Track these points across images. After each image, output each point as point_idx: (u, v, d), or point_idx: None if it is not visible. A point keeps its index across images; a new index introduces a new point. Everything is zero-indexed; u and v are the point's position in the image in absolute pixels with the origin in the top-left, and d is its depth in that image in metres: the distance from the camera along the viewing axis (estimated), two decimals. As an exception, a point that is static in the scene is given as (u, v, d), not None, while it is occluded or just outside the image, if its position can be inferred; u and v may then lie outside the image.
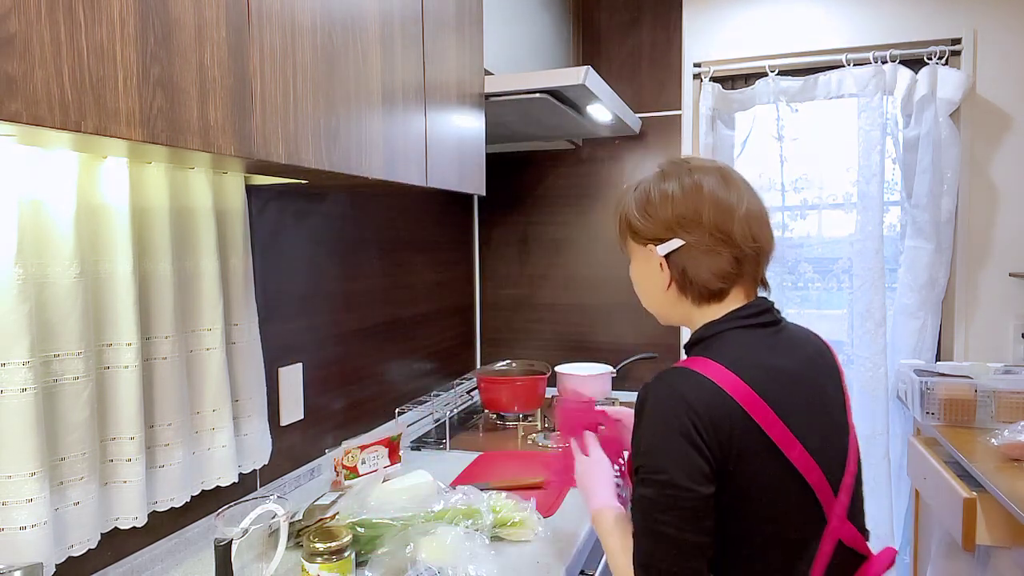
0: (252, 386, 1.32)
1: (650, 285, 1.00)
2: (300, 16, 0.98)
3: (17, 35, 0.60)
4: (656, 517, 0.82)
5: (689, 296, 0.96)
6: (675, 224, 0.93)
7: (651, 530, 0.83)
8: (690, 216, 0.92)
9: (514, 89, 1.63)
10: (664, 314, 1.03)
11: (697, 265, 0.93)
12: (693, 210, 0.92)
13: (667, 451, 0.82)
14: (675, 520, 0.81)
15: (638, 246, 0.99)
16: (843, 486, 0.90)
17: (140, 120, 0.72)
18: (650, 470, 0.83)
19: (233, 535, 0.98)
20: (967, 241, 2.23)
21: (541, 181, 2.58)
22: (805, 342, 0.97)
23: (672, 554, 0.82)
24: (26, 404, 0.89)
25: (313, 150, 1.00)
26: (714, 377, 0.84)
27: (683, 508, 0.81)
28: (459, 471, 1.63)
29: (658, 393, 0.86)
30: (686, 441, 0.81)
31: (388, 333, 1.94)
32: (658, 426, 0.84)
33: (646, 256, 0.98)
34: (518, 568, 1.17)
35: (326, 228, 1.65)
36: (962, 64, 2.18)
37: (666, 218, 0.94)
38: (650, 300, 1.03)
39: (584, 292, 2.55)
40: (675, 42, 2.42)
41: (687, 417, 0.82)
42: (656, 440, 0.84)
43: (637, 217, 0.97)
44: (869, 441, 2.22)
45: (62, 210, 0.94)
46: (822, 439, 0.89)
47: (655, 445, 0.84)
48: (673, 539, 0.81)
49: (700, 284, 0.94)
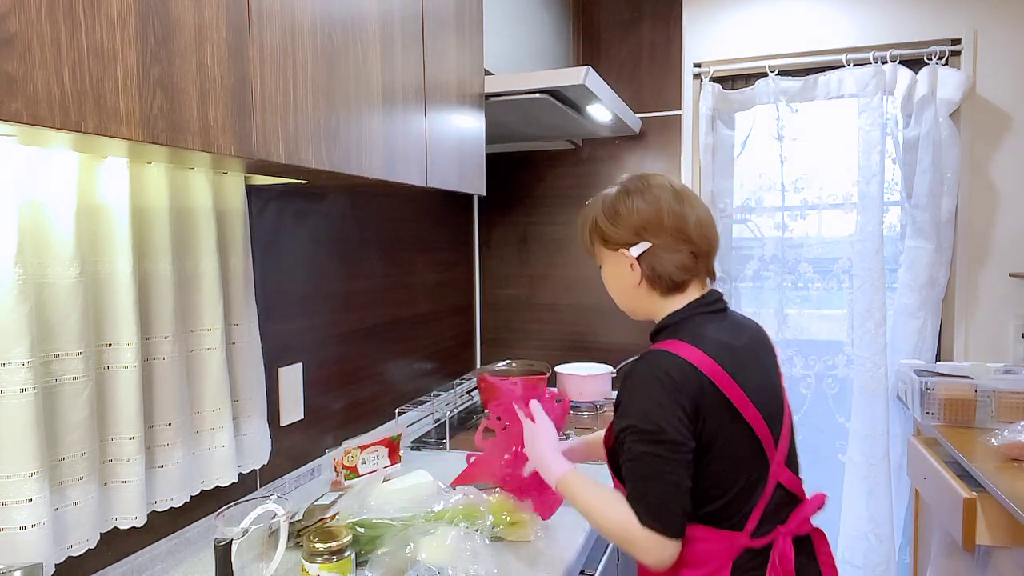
0: (252, 386, 1.32)
1: (622, 284, 1.17)
2: (300, 16, 0.97)
3: (17, 35, 0.60)
4: (661, 468, 0.99)
5: (658, 289, 1.14)
6: (642, 229, 1.12)
7: (659, 479, 0.99)
8: (654, 222, 1.12)
9: (514, 89, 1.63)
10: (634, 308, 1.20)
11: (663, 262, 1.12)
12: (656, 218, 1.12)
13: (662, 415, 1.00)
14: (676, 469, 0.99)
15: (609, 252, 1.17)
16: (781, 437, 1.11)
17: (140, 120, 0.72)
18: (648, 431, 1.00)
19: (233, 535, 0.98)
20: (967, 241, 2.23)
21: (541, 181, 2.57)
22: (747, 325, 1.18)
23: (677, 497, 0.99)
24: (26, 404, 0.89)
25: (313, 150, 1.00)
26: (686, 356, 1.03)
27: (680, 459, 1.00)
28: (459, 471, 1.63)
29: (645, 370, 1.03)
30: (675, 406, 1.00)
31: (388, 333, 1.94)
32: (650, 395, 1.01)
33: (616, 260, 1.16)
34: (518, 568, 1.17)
35: (326, 228, 1.65)
36: (962, 64, 2.18)
37: (634, 225, 1.13)
38: (622, 297, 1.20)
39: (584, 292, 2.55)
40: (675, 42, 2.42)
41: (672, 387, 1.01)
42: (651, 406, 1.01)
43: (609, 226, 1.15)
44: (869, 441, 2.22)
45: (62, 210, 0.94)
46: (766, 400, 1.09)
47: (650, 410, 1.01)
48: (676, 484, 0.99)
49: (667, 277, 1.13)
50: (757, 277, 2.41)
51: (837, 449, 2.37)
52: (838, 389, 2.37)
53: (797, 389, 2.40)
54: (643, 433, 1.00)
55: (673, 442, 0.99)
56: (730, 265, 2.46)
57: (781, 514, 1.08)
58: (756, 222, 2.44)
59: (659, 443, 0.99)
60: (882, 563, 2.23)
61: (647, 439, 1.00)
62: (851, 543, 2.29)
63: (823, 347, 2.39)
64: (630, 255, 1.13)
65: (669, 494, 0.99)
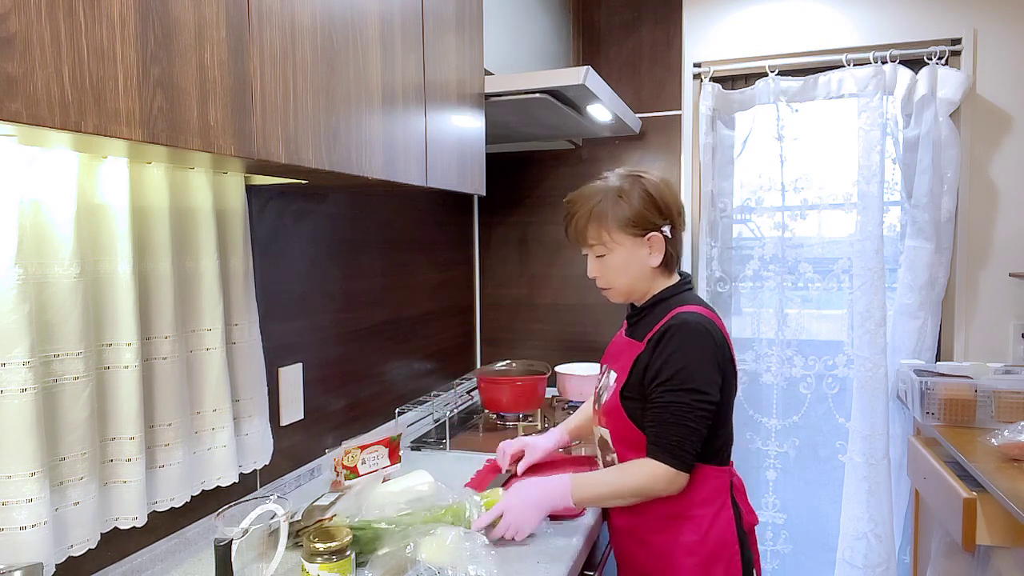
0: (252, 386, 1.32)
1: (639, 267, 1.30)
2: (300, 16, 0.97)
3: (17, 35, 0.60)
4: (687, 415, 1.19)
5: (669, 269, 1.32)
6: (668, 212, 1.29)
7: (683, 425, 1.19)
8: (674, 205, 1.31)
9: (514, 89, 1.63)
10: (635, 290, 1.33)
11: (676, 243, 1.32)
12: (675, 201, 1.32)
13: (701, 370, 1.20)
14: (699, 418, 1.20)
15: (628, 236, 1.29)
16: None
17: (140, 120, 0.72)
18: (684, 383, 1.19)
19: (233, 535, 0.98)
20: (967, 241, 2.23)
21: (541, 181, 2.57)
22: None
23: (693, 440, 1.20)
24: (26, 404, 0.89)
25: (313, 150, 1.00)
26: (712, 318, 1.25)
27: (706, 411, 1.20)
28: (459, 473, 1.63)
29: (690, 328, 1.21)
30: (713, 361, 1.21)
31: (388, 333, 1.94)
32: (694, 351, 1.20)
33: (635, 243, 1.29)
34: (518, 568, 1.17)
35: (326, 228, 1.65)
36: (962, 64, 2.18)
37: (660, 208, 1.29)
38: (631, 280, 1.32)
39: (584, 292, 2.55)
40: (675, 42, 2.42)
41: (714, 345, 1.22)
42: (691, 362, 1.20)
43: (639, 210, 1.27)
44: (869, 441, 2.22)
45: (62, 210, 0.94)
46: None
47: (691, 365, 1.20)
48: (696, 431, 1.20)
49: (676, 256, 1.32)
50: (757, 277, 2.41)
51: (837, 449, 2.37)
52: (838, 389, 2.37)
53: (797, 389, 2.40)
54: (679, 384, 1.19)
55: (700, 392, 1.19)
56: (730, 265, 2.46)
57: None
58: (756, 222, 2.44)
59: (689, 392, 1.18)
60: (882, 563, 2.23)
61: (681, 390, 1.19)
62: (851, 543, 2.28)
63: (823, 347, 2.39)
64: (659, 237, 1.28)
65: (687, 438, 1.19)
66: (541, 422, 2.03)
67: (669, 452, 1.20)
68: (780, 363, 2.38)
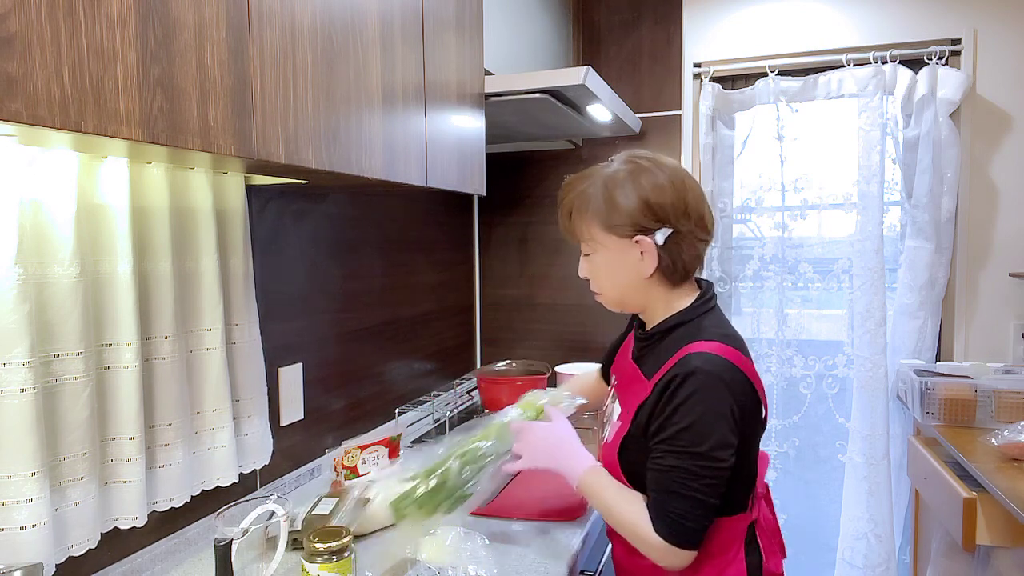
0: (252, 386, 1.32)
1: (625, 274, 1.08)
2: (300, 16, 0.98)
3: (17, 35, 0.60)
4: (690, 484, 0.97)
5: (670, 281, 1.08)
6: (663, 212, 1.04)
7: (683, 495, 0.97)
8: (679, 205, 1.04)
9: (514, 89, 1.63)
10: (626, 301, 1.12)
11: (682, 251, 1.06)
12: (680, 200, 1.05)
13: (711, 431, 0.96)
14: (705, 487, 0.97)
15: (612, 237, 1.06)
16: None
17: (140, 120, 0.72)
18: (691, 445, 0.97)
19: (233, 535, 0.98)
20: (967, 241, 2.23)
21: (541, 181, 2.57)
22: None
23: (698, 514, 0.97)
24: (26, 404, 0.89)
25: (313, 150, 1.00)
26: (731, 359, 0.99)
27: (714, 478, 0.97)
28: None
29: (701, 378, 0.97)
30: (728, 419, 0.97)
31: (388, 333, 1.94)
32: (705, 408, 0.97)
33: (622, 247, 1.06)
34: (518, 568, 1.17)
35: (326, 228, 1.65)
36: (962, 64, 2.18)
37: (653, 207, 1.03)
38: (619, 289, 1.11)
39: (584, 292, 2.53)
40: (675, 42, 2.42)
41: (730, 401, 0.97)
42: (701, 420, 0.97)
43: (619, 208, 1.04)
44: (869, 441, 2.22)
45: (62, 210, 0.94)
46: None
47: (700, 425, 0.97)
48: (702, 503, 0.97)
49: (682, 269, 1.07)
50: (757, 277, 2.41)
51: (837, 449, 2.37)
52: (838, 389, 2.37)
53: (797, 389, 2.39)
54: (684, 445, 0.97)
55: (710, 458, 0.96)
56: (730, 265, 2.46)
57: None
58: (756, 222, 2.44)
59: (695, 456, 0.96)
60: (882, 563, 2.23)
61: (684, 453, 0.97)
62: (851, 543, 2.28)
63: (823, 347, 2.39)
64: (650, 242, 1.03)
65: (690, 511, 0.97)
66: (541, 422, 2.03)
67: (667, 525, 0.98)
68: (780, 363, 2.38)
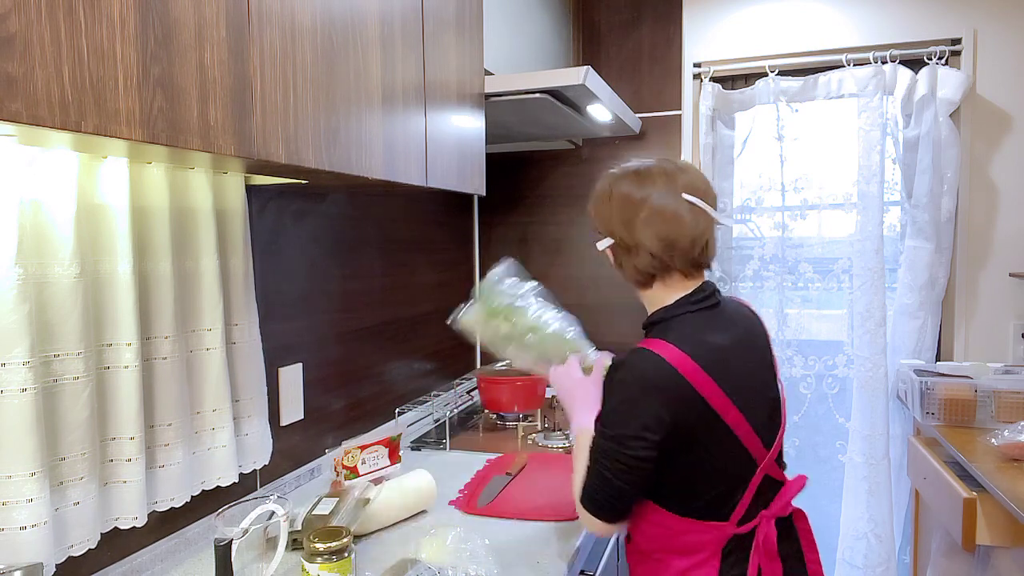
0: (252, 386, 1.32)
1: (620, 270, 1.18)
2: (300, 16, 0.98)
3: (17, 35, 0.60)
4: (601, 461, 1.05)
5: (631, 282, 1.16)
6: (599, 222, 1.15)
7: (596, 471, 1.05)
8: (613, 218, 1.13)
9: (514, 89, 1.63)
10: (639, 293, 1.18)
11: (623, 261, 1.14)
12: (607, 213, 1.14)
13: (624, 418, 1.02)
14: (613, 468, 1.03)
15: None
16: (777, 438, 1.11)
17: (140, 120, 0.72)
18: (607, 427, 1.04)
19: (233, 535, 0.98)
20: (967, 241, 2.23)
21: (541, 181, 2.57)
22: (740, 317, 1.14)
23: (607, 491, 1.04)
24: (26, 404, 0.89)
25: (313, 150, 1.00)
26: (667, 357, 1.02)
27: (622, 463, 1.02)
28: (459, 473, 1.63)
29: (627, 371, 1.04)
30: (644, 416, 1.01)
31: (388, 333, 1.94)
32: (622, 396, 1.03)
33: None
34: (518, 568, 1.17)
35: (326, 228, 1.65)
36: (962, 64, 2.18)
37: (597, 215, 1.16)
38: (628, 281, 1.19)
39: (584, 292, 2.55)
40: (675, 42, 2.42)
41: (647, 388, 1.01)
42: (618, 406, 1.04)
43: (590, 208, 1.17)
44: (869, 441, 2.22)
45: (62, 210, 0.94)
46: (753, 402, 1.07)
47: (616, 410, 1.04)
48: (608, 481, 1.04)
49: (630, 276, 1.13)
50: (757, 277, 2.41)
51: (837, 449, 2.37)
52: (838, 389, 2.37)
53: (797, 389, 2.40)
54: (603, 427, 1.06)
55: (620, 443, 1.02)
56: (730, 265, 2.46)
57: (765, 499, 1.10)
58: (756, 222, 2.44)
59: (606, 438, 1.04)
60: (882, 563, 2.23)
61: (604, 434, 1.05)
62: (851, 543, 2.29)
63: (823, 347, 2.39)
64: (603, 247, 1.15)
65: (599, 486, 1.05)
66: (541, 422, 2.03)
67: (584, 490, 1.07)
68: (780, 363, 2.37)
